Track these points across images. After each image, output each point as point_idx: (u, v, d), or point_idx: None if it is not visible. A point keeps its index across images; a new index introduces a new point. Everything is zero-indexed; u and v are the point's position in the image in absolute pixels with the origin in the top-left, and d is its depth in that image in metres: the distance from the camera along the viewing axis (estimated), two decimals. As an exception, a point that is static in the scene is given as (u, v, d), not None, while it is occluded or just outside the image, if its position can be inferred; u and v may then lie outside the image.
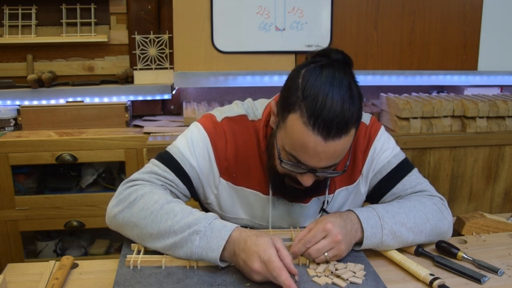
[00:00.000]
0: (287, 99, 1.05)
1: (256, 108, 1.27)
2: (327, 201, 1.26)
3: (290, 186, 1.15)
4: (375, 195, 1.29)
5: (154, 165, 1.21)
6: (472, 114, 2.21)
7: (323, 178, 1.13)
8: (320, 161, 1.03)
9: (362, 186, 1.29)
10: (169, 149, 1.23)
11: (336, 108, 0.99)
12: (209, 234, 1.02)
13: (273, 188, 1.22)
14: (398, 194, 1.25)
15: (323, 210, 1.26)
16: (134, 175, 1.20)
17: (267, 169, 1.20)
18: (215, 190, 1.25)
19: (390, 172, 1.25)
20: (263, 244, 0.97)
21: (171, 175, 1.19)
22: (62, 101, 2.34)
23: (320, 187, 1.21)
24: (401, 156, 1.27)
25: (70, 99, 2.34)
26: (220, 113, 1.26)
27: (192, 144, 1.21)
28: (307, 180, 1.08)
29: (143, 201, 1.10)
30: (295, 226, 1.25)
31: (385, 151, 1.26)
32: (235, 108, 1.28)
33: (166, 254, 1.07)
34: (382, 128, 1.30)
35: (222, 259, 1.01)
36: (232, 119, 1.25)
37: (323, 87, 1.00)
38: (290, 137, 1.04)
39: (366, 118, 1.28)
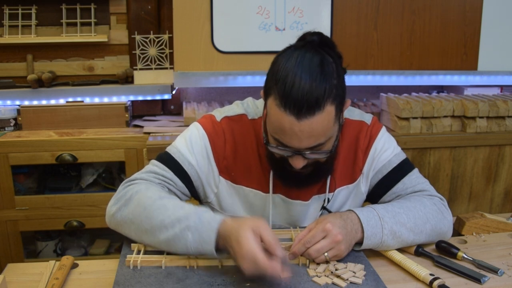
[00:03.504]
0: (266, 85, 1.10)
1: (256, 107, 1.28)
2: (328, 199, 1.26)
3: (290, 172, 1.14)
4: (375, 194, 1.29)
5: (153, 165, 1.23)
6: (472, 114, 2.21)
7: (313, 160, 1.12)
8: (301, 141, 1.04)
9: (363, 185, 1.29)
10: (168, 149, 1.24)
11: (305, 86, 1.00)
12: (200, 228, 1.02)
13: (275, 177, 1.21)
14: (398, 193, 1.26)
15: (324, 208, 1.27)
16: (134, 175, 1.21)
17: (266, 157, 1.20)
18: (215, 189, 1.25)
19: (390, 171, 1.25)
20: (245, 243, 0.95)
21: (169, 174, 1.20)
22: (62, 101, 2.34)
23: (319, 177, 1.20)
24: (402, 156, 1.28)
25: (70, 99, 2.34)
26: (220, 113, 1.27)
27: (190, 143, 1.22)
28: (297, 163, 1.09)
29: (138, 198, 1.11)
30: (295, 226, 1.25)
31: (385, 150, 1.26)
32: (234, 108, 1.29)
33: (166, 252, 1.07)
34: (383, 129, 1.30)
35: (219, 249, 1.02)
36: (231, 119, 1.25)
37: (292, 68, 1.03)
38: (270, 121, 1.07)
39: (367, 118, 1.29)
